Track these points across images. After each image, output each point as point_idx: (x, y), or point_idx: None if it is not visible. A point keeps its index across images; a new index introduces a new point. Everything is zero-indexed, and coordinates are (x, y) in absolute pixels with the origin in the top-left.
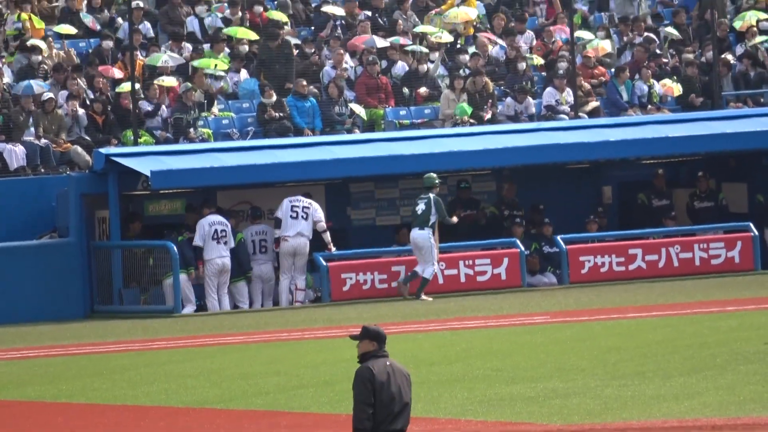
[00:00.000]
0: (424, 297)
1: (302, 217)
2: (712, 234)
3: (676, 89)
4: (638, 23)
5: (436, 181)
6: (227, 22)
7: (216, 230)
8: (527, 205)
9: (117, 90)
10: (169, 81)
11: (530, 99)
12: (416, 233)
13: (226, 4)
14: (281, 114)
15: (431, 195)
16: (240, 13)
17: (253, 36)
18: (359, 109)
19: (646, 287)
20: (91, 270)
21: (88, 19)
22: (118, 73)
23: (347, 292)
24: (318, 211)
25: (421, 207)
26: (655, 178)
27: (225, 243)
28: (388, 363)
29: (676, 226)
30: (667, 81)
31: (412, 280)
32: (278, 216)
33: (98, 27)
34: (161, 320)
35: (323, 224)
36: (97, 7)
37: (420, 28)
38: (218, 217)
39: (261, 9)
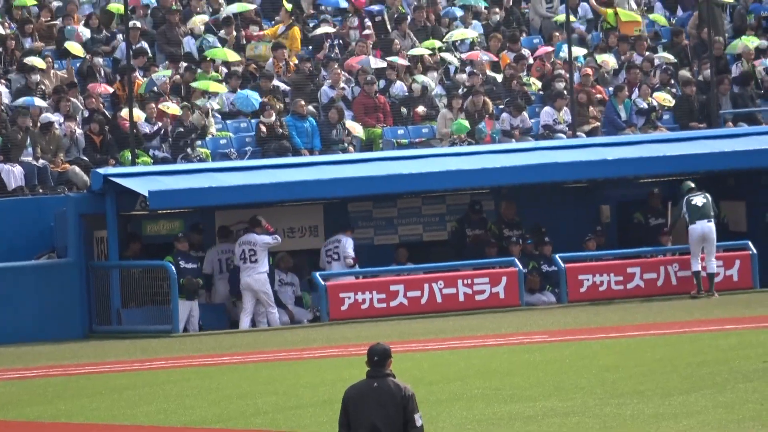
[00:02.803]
0: (715, 294)
1: (334, 259)
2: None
3: (668, 101)
4: (640, 42)
5: (692, 185)
6: (223, 42)
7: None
8: (527, 224)
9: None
10: (174, 108)
11: (525, 114)
12: (707, 225)
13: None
14: (282, 131)
15: (703, 192)
16: (234, 33)
17: (235, 57)
18: (358, 129)
19: (645, 306)
20: (89, 290)
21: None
22: (108, 89)
23: (346, 312)
24: (347, 248)
25: (701, 199)
26: (650, 197)
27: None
28: (375, 384)
29: (672, 244)
30: (659, 94)
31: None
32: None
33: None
34: (160, 340)
35: (350, 260)
36: (94, 27)
37: (415, 50)
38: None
39: (257, 29)
